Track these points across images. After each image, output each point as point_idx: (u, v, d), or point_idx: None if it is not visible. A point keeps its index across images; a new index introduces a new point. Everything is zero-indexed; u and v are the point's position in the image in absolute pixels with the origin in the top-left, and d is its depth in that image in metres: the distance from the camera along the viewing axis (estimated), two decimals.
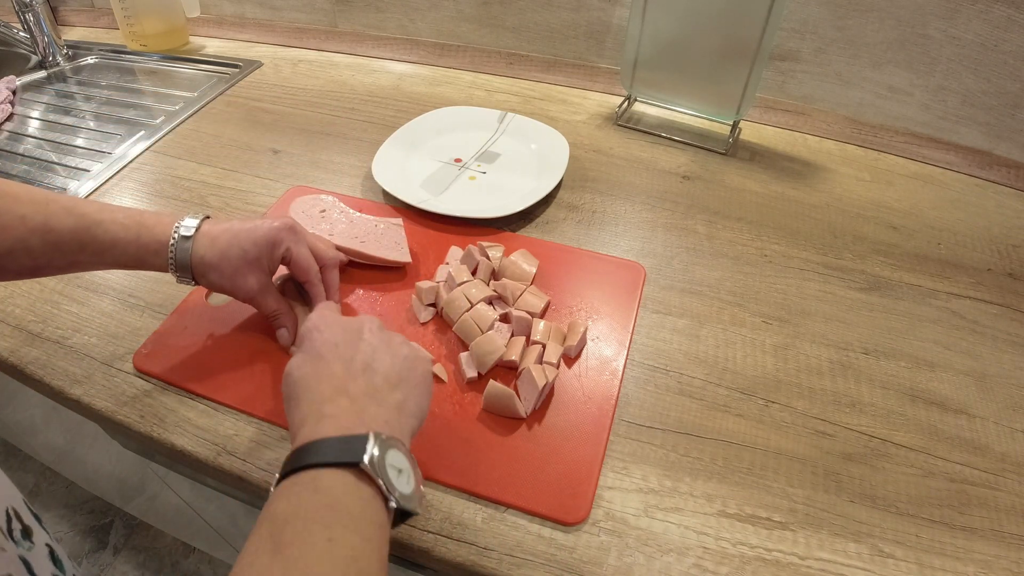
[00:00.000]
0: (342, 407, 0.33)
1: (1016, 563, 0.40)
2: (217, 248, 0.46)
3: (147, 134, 0.81)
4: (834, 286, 0.59)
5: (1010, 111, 0.69)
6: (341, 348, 0.37)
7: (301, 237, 0.50)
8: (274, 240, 0.48)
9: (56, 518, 1.23)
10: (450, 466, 0.44)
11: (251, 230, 0.47)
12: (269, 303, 0.49)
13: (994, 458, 0.46)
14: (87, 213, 0.44)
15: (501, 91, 0.88)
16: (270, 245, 0.47)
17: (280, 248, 0.48)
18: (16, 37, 1.02)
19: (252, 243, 0.47)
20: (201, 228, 0.46)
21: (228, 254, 0.46)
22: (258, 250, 0.47)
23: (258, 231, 0.47)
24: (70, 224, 0.44)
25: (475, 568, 0.40)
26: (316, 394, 0.34)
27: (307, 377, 0.36)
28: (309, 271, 0.50)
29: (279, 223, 0.48)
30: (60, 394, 0.51)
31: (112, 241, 0.44)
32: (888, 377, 0.51)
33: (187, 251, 0.46)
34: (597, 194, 0.70)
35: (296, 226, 0.49)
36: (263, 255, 0.47)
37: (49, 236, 0.43)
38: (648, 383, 0.51)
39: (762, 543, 0.41)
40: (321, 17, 0.99)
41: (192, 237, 0.46)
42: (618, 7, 0.81)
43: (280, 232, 0.48)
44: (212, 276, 0.47)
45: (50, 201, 0.44)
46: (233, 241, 0.47)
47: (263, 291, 0.48)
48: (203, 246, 0.46)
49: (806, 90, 0.79)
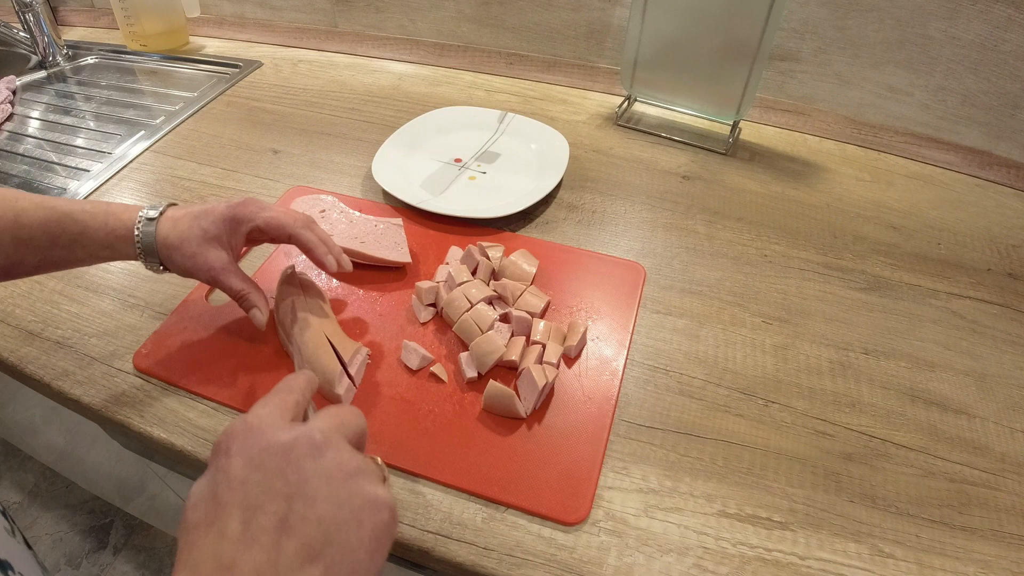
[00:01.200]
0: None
1: (1016, 563, 0.40)
2: (179, 230, 0.47)
3: (147, 134, 0.81)
4: (834, 286, 0.59)
5: (1010, 111, 0.69)
6: (250, 488, 0.26)
7: (258, 203, 0.49)
8: (235, 217, 0.47)
9: (56, 518, 1.23)
10: (450, 466, 0.44)
11: (210, 210, 0.48)
12: (232, 282, 0.48)
13: (994, 458, 0.46)
14: (56, 206, 0.45)
15: (501, 91, 0.88)
16: (231, 222, 0.47)
17: (244, 224, 0.48)
18: (16, 37, 1.02)
19: (211, 222, 0.47)
20: (165, 212, 0.47)
21: (188, 235, 0.47)
22: (217, 228, 0.47)
23: (217, 210, 0.48)
24: (40, 217, 0.44)
25: (475, 568, 0.40)
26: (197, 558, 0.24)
27: (193, 528, 0.25)
28: (284, 226, 0.48)
29: (237, 200, 0.48)
30: (60, 394, 0.51)
31: (81, 230, 0.45)
32: (888, 377, 0.51)
33: (151, 234, 0.46)
34: (597, 194, 0.70)
35: (254, 199, 0.49)
36: (223, 232, 0.47)
37: (20, 232, 0.44)
38: (648, 383, 0.51)
39: (762, 543, 0.41)
40: (321, 17, 0.99)
41: (156, 220, 0.47)
42: (618, 7, 0.81)
43: (239, 208, 0.48)
44: (175, 257, 0.47)
45: (19, 198, 0.44)
46: (193, 222, 0.47)
47: (224, 269, 0.48)
48: (166, 228, 0.47)
49: (806, 90, 0.79)
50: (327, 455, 0.27)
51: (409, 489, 0.44)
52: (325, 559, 0.25)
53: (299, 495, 0.26)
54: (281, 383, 0.33)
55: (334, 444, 0.28)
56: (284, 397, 0.31)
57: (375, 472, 0.28)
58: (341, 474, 0.27)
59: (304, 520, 0.25)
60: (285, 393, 0.32)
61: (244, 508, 0.25)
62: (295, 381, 0.33)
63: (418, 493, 0.43)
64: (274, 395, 0.31)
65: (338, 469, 0.27)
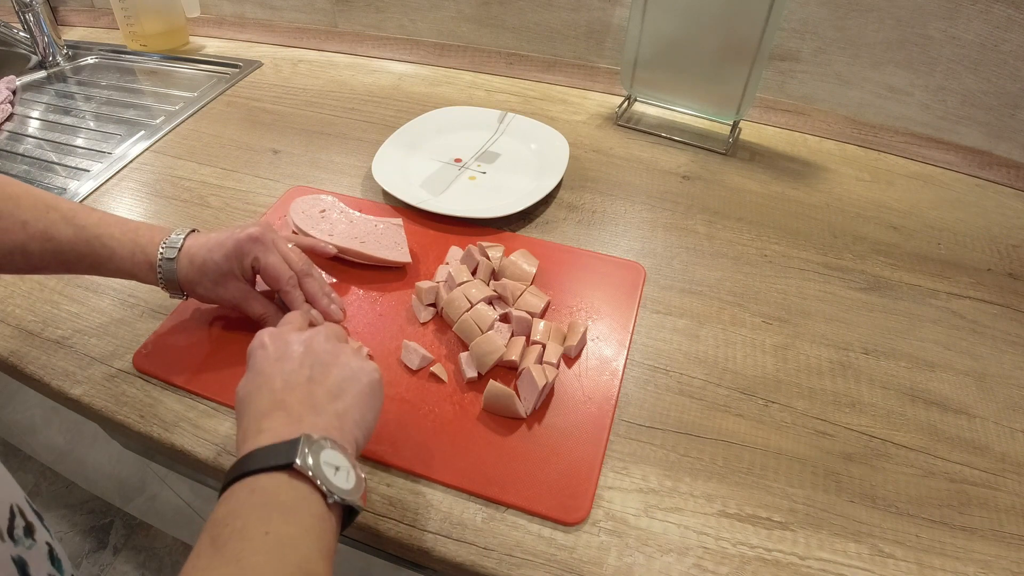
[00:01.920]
0: (279, 420, 0.34)
1: (1016, 563, 0.40)
2: (195, 265, 0.48)
3: (147, 134, 0.81)
4: (834, 286, 0.59)
5: (1010, 111, 0.69)
6: (283, 362, 0.37)
7: (270, 246, 0.49)
8: (240, 251, 0.48)
9: (56, 518, 1.23)
10: (450, 466, 0.44)
11: (221, 243, 0.48)
12: (254, 307, 0.51)
13: (994, 458, 0.46)
14: (86, 225, 0.46)
15: (501, 91, 0.88)
16: (237, 256, 0.48)
17: (247, 258, 0.49)
18: (16, 37, 1.02)
19: (223, 256, 0.48)
20: (183, 247, 0.48)
21: (205, 269, 0.48)
22: (228, 263, 0.48)
23: (226, 243, 0.48)
24: (69, 234, 0.46)
25: (475, 568, 0.40)
26: (255, 410, 0.35)
27: (250, 395, 0.36)
28: (279, 279, 0.49)
29: (246, 233, 0.49)
30: (60, 394, 0.51)
31: (109, 256, 0.47)
32: (888, 377, 0.51)
33: (172, 271, 0.48)
34: (597, 194, 0.70)
35: (263, 235, 0.49)
36: (233, 266, 0.49)
37: (48, 244, 0.45)
38: (648, 383, 0.51)
39: (762, 543, 0.41)
40: (321, 17, 0.99)
41: (175, 258, 0.48)
42: (618, 7, 0.81)
43: (245, 243, 0.48)
44: (198, 290, 0.49)
45: (50, 208, 0.46)
46: (207, 256, 0.48)
47: (245, 298, 0.50)
48: (184, 265, 0.48)
49: (806, 90, 0.79)
50: (331, 342, 0.39)
51: (409, 489, 0.44)
52: (344, 399, 0.36)
53: (318, 363, 0.37)
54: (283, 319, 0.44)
55: (334, 338, 0.40)
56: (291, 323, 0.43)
57: (362, 352, 0.42)
58: (345, 351, 0.39)
59: (325, 376, 0.37)
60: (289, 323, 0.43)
61: (282, 372, 0.36)
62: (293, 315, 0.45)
63: (418, 493, 0.43)
64: (282, 324, 0.43)
65: (342, 349, 0.39)
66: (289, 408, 0.34)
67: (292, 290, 0.50)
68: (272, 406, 0.34)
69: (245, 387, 0.37)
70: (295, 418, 0.34)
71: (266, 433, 0.33)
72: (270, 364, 0.37)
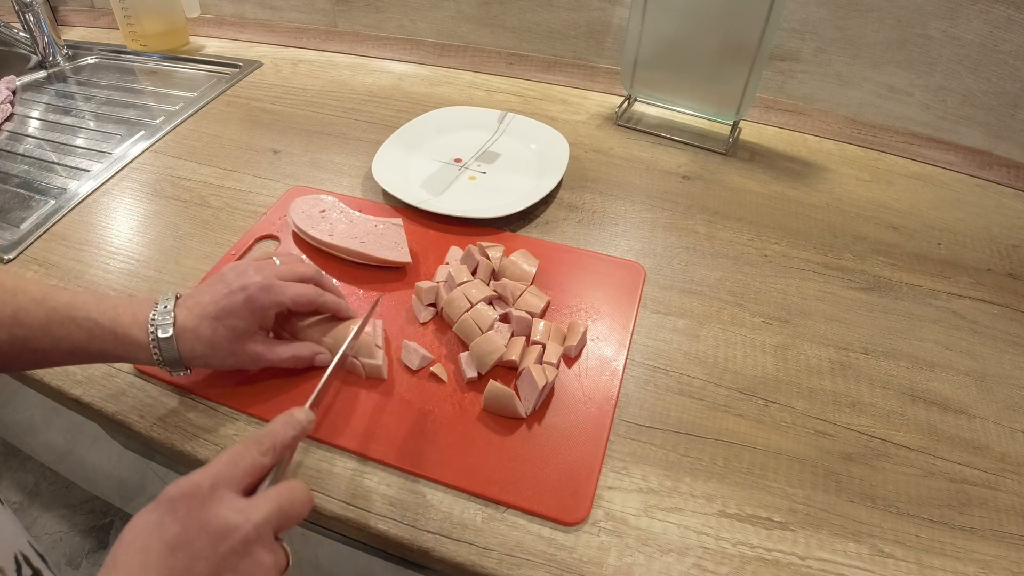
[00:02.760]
0: None
1: (1016, 563, 0.40)
2: (203, 341, 0.44)
3: (147, 134, 0.81)
4: (834, 286, 0.59)
5: (1010, 111, 0.69)
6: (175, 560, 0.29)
7: (277, 283, 0.47)
8: (262, 306, 0.45)
9: (56, 518, 1.23)
10: (450, 466, 0.44)
11: (228, 307, 0.44)
12: (281, 355, 0.48)
13: (994, 458, 0.46)
14: (58, 306, 0.41)
15: (501, 91, 0.88)
16: (259, 312, 0.46)
17: (272, 309, 0.47)
18: (16, 37, 1.02)
19: (237, 318, 0.45)
20: (178, 322, 0.43)
21: (216, 339, 0.44)
22: (246, 323, 0.45)
23: (236, 306, 0.44)
24: (40, 317, 0.40)
25: (475, 568, 0.40)
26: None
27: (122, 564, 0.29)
28: (310, 301, 0.48)
29: (251, 288, 0.45)
30: (60, 394, 0.51)
31: (87, 337, 0.41)
32: (888, 377, 0.51)
33: (173, 351, 0.43)
34: (597, 194, 0.70)
35: (267, 282, 0.46)
36: (253, 324, 0.46)
37: (18, 331, 0.40)
38: (648, 383, 0.51)
39: (762, 543, 0.41)
40: (321, 17, 0.99)
41: (172, 336, 0.43)
42: (618, 7, 0.81)
43: (260, 298, 0.45)
44: (212, 362, 0.45)
45: (19, 291, 0.41)
46: (215, 326, 0.44)
47: (269, 351, 0.47)
48: (188, 343, 0.43)
49: (806, 90, 0.79)
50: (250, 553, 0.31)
51: (409, 489, 0.44)
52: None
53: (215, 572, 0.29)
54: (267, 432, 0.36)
55: (260, 541, 0.31)
56: (255, 460, 0.34)
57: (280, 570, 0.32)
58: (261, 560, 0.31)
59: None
60: (258, 454, 0.34)
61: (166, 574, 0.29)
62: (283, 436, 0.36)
63: (418, 493, 0.43)
64: (247, 452, 0.34)
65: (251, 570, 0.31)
66: None
67: (327, 297, 0.49)
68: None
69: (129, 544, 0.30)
70: None
71: None
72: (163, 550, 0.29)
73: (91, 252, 0.63)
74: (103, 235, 0.65)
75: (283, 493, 0.34)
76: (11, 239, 0.65)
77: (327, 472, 0.45)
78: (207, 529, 0.30)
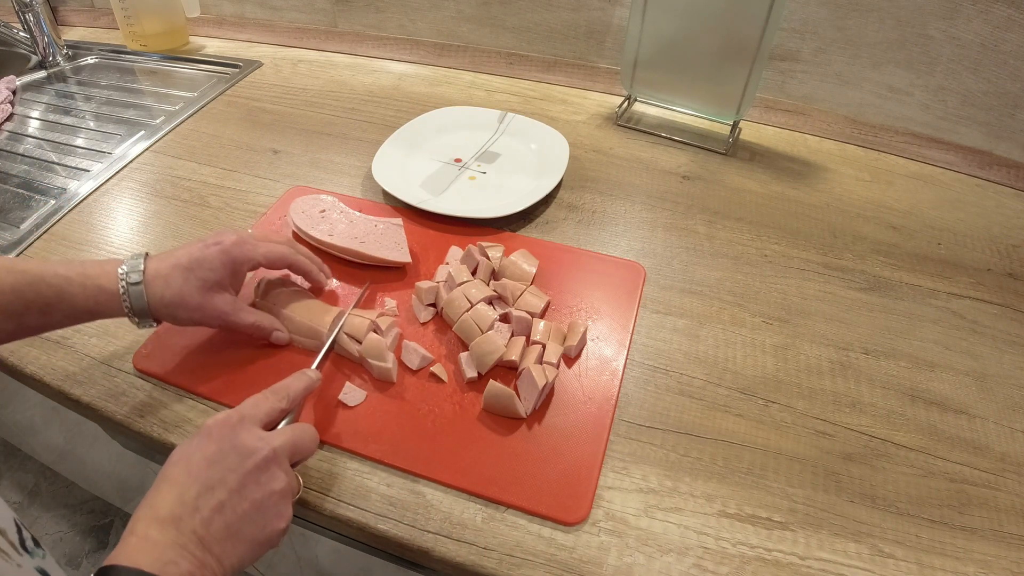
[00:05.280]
0: (166, 539, 0.33)
1: (1016, 563, 0.40)
2: (174, 287, 0.46)
3: (147, 134, 0.81)
4: (834, 286, 0.59)
5: (1010, 111, 0.69)
6: (212, 472, 0.36)
7: (251, 240, 0.50)
8: (234, 260, 0.48)
9: (56, 518, 1.23)
10: (450, 466, 0.44)
11: (202, 259, 0.47)
12: (245, 318, 0.49)
13: (994, 458, 0.46)
14: (27, 269, 0.43)
15: (501, 91, 0.88)
16: (231, 265, 0.48)
17: (245, 264, 0.49)
18: (16, 37, 1.02)
19: (210, 270, 0.47)
20: (148, 269, 0.45)
21: (186, 289, 0.46)
22: (217, 275, 0.47)
23: (211, 257, 0.47)
24: (10, 282, 0.42)
25: (475, 568, 0.40)
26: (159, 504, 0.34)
27: (168, 479, 0.35)
28: (283, 257, 0.51)
29: (226, 242, 0.48)
30: (60, 394, 0.51)
31: (57, 295, 0.43)
32: (888, 377, 0.51)
33: (141, 295, 0.45)
34: (597, 194, 0.70)
35: (242, 236, 0.49)
36: (225, 277, 0.47)
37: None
38: (648, 383, 0.51)
39: (762, 543, 0.41)
40: (321, 17, 0.99)
41: (142, 282, 0.45)
42: (618, 7, 0.81)
43: (235, 250, 0.48)
44: (178, 313, 0.47)
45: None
46: (188, 275, 0.46)
47: (235, 311, 0.49)
48: (158, 288, 0.45)
49: (806, 90, 0.79)
50: (270, 470, 0.37)
51: (409, 489, 0.44)
52: (236, 543, 0.35)
53: (238, 491, 0.36)
54: (282, 385, 0.42)
55: (277, 462, 0.38)
56: (273, 404, 0.41)
57: (292, 491, 0.39)
58: (270, 489, 0.37)
59: (234, 509, 0.35)
60: (275, 400, 0.41)
61: (202, 485, 0.35)
62: (295, 387, 0.43)
63: (418, 493, 0.43)
64: (266, 399, 0.41)
65: (270, 483, 0.37)
66: (181, 529, 0.33)
67: (299, 258, 0.52)
68: (170, 516, 0.34)
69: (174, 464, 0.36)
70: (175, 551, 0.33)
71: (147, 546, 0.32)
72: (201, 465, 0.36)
73: (91, 252, 0.63)
74: (103, 235, 0.65)
75: (296, 430, 0.40)
76: (11, 239, 0.65)
77: (327, 472, 0.45)
78: (237, 448, 0.37)
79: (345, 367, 0.51)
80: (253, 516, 0.36)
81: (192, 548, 0.33)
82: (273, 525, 0.37)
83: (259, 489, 0.36)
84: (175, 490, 0.35)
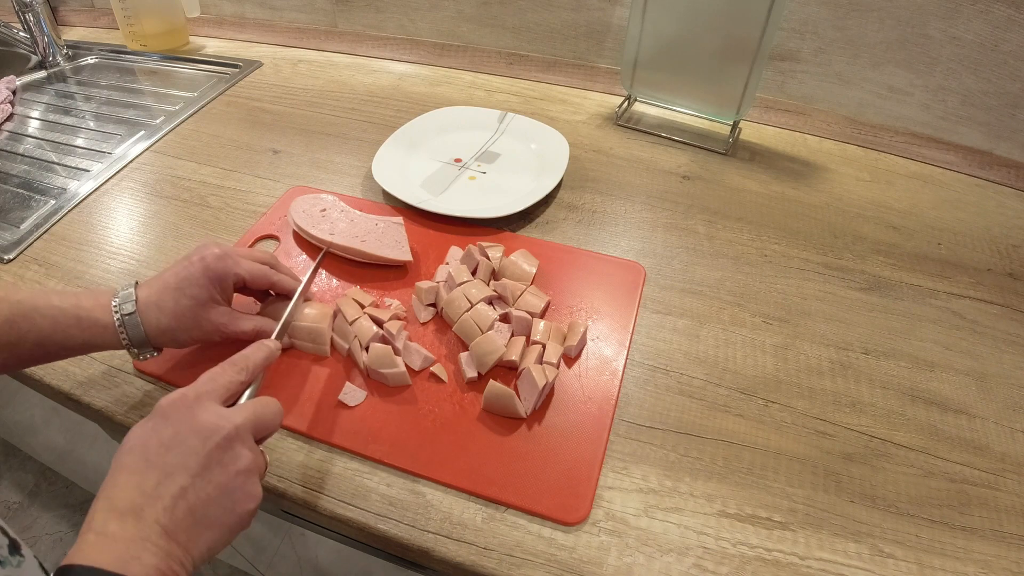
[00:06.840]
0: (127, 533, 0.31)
1: (1016, 563, 0.40)
2: (168, 311, 0.45)
3: (147, 134, 0.81)
4: (834, 286, 0.59)
5: (1010, 111, 0.69)
6: (170, 457, 0.33)
7: (235, 256, 0.49)
8: (217, 275, 0.47)
9: (56, 518, 1.23)
10: (450, 466, 0.44)
11: (187, 277, 0.46)
12: (243, 326, 0.49)
13: (994, 458, 0.46)
14: (22, 300, 0.42)
15: (501, 91, 0.88)
16: (216, 279, 0.47)
17: (229, 278, 0.48)
18: (16, 37, 1.02)
19: (198, 287, 0.46)
20: (140, 298, 0.45)
21: (180, 310, 0.46)
22: (206, 291, 0.46)
23: (195, 275, 0.46)
24: (3, 312, 0.42)
25: (475, 568, 0.40)
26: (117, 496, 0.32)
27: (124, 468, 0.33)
28: (265, 275, 0.50)
29: (208, 257, 0.47)
30: (60, 394, 0.51)
31: (51, 327, 0.43)
32: (888, 377, 0.51)
33: (137, 325, 0.45)
34: (597, 194, 0.70)
35: (225, 251, 0.48)
36: (214, 292, 0.47)
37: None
38: (648, 383, 0.51)
39: (762, 543, 0.41)
40: (321, 17, 0.98)
41: (136, 312, 0.44)
42: (618, 7, 0.81)
43: (216, 265, 0.47)
44: (179, 336, 0.46)
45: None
46: (178, 296, 0.46)
47: (232, 320, 0.48)
48: (152, 316, 0.45)
49: (806, 90, 0.79)
50: (233, 449, 0.35)
51: (409, 489, 0.44)
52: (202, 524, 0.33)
53: (201, 475, 0.34)
54: (240, 356, 0.41)
55: (240, 440, 0.36)
56: (231, 377, 0.39)
57: (259, 469, 0.36)
58: (235, 469, 0.35)
59: (198, 494, 0.33)
60: (233, 373, 0.39)
61: (161, 471, 0.33)
62: (254, 358, 0.41)
63: (418, 493, 0.43)
64: (223, 372, 0.39)
65: (234, 463, 0.35)
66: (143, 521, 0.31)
67: (281, 277, 0.51)
68: (130, 507, 0.31)
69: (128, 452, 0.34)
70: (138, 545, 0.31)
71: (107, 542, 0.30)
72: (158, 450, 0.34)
73: (91, 252, 0.63)
74: (103, 235, 0.65)
75: (257, 405, 0.38)
76: (11, 239, 0.65)
77: (327, 472, 0.45)
78: (196, 430, 0.35)
79: (345, 367, 0.51)
80: (219, 499, 0.34)
81: (156, 540, 0.31)
82: (242, 506, 0.35)
83: (223, 471, 0.34)
84: (133, 479, 0.33)
